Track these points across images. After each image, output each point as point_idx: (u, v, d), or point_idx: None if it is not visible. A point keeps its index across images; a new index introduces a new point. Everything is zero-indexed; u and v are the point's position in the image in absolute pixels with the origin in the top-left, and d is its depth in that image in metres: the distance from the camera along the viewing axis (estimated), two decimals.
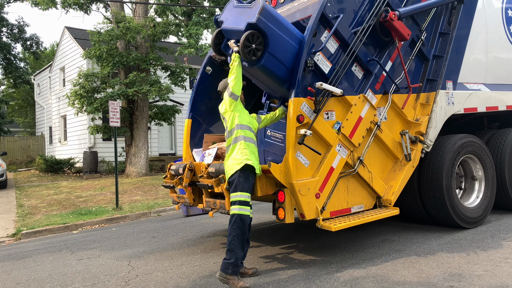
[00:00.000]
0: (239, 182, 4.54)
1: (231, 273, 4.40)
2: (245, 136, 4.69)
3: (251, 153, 4.63)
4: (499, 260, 4.77)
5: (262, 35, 4.77)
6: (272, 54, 4.85)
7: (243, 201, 4.51)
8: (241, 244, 4.50)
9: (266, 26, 4.78)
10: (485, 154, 6.62)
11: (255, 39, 4.73)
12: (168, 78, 18.14)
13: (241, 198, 4.51)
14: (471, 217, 6.24)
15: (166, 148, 23.78)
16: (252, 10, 4.85)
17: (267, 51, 4.82)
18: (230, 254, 4.46)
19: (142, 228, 8.59)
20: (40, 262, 6.35)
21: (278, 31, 4.87)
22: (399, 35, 5.62)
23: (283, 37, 4.91)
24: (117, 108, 11.07)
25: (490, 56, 7.15)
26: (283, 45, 4.92)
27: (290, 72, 5.01)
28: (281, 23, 4.92)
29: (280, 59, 4.92)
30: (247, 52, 4.71)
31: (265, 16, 4.76)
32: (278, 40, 4.88)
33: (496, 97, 7.12)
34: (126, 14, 17.96)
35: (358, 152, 5.45)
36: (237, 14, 5.06)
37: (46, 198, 13.42)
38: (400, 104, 5.94)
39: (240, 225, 4.48)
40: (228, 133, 4.79)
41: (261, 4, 4.77)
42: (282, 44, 4.92)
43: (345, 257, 5.25)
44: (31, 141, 27.88)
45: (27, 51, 30.92)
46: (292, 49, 4.99)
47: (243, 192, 4.52)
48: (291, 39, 4.98)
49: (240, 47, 4.69)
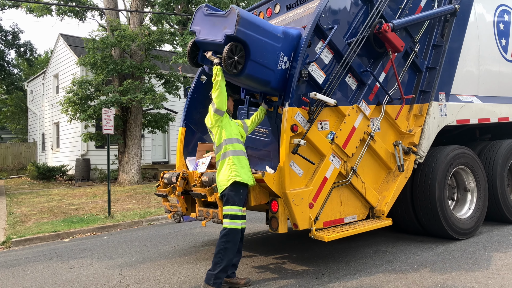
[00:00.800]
0: (230, 196, 4.56)
1: (212, 284, 4.41)
2: (234, 150, 4.64)
3: (240, 168, 4.59)
4: (491, 272, 4.78)
5: (242, 45, 4.68)
6: (255, 61, 4.77)
7: (234, 215, 4.52)
8: (228, 258, 4.48)
9: (246, 35, 4.63)
10: (477, 166, 6.66)
11: (237, 51, 4.64)
12: (162, 86, 18.14)
13: (231, 212, 4.53)
14: (463, 228, 6.26)
15: (159, 157, 23.69)
16: (228, 20, 4.65)
17: (250, 59, 4.73)
18: (215, 267, 4.47)
19: (134, 237, 8.52)
20: (29, 270, 6.27)
21: (258, 36, 4.74)
22: (393, 46, 5.67)
23: (263, 40, 4.79)
24: (110, 115, 11.03)
25: (482, 69, 7.23)
26: (264, 49, 4.82)
27: (274, 72, 4.96)
28: (259, 26, 4.78)
29: (263, 63, 4.85)
30: (230, 65, 4.61)
31: (244, 25, 4.60)
32: (259, 45, 4.77)
33: (488, 109, 7.19)
34: (121, 22, 17.99)
35: (351, 162, 5.47)
36: (211, 24, 4.84)
37: (37, 205, 13.29)
38: (394, 115, 5.98)
39: (230, 238, 4.49)
40: (217, 148, 4.76)
41: (237, 13, 4.58)
42: (264, 47, 4.81)
43: (338, 268, 5.24)
44: (23, 148, 27.68)
45: (20, 57, 30.80)
46: (273, 49, 4.89)
47: (234, 206, 4.53)
48: (271, 40, 4.85)
49: (223, 61, 4.59)
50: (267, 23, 5.03)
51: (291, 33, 5.09)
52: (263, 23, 4.92)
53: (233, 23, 4.54)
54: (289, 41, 5.03)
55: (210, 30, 4.81)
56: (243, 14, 4.64)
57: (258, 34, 4.74)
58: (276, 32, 4.93)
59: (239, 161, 4.61)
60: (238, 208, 4.53)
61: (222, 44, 4.64)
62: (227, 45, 4.59)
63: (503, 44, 7.56)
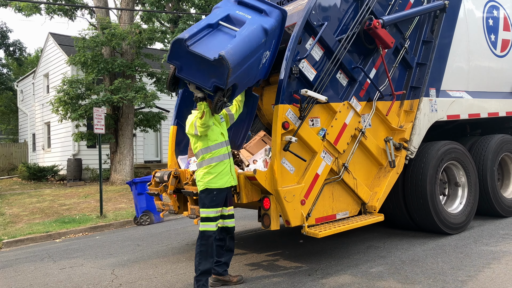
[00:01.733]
0: (201, 198, 4.61)
1: (196, 287, 4.43)
2: (211, 157, 4.54)
3: (214, 176, 4.51)
4: (481, 265, 4.82)
5: (232, 86, 4.36)
6: (241, 83, 4.55)
7: (205, 217, 4.54)
8: (206, 260, 4.46)
9: (236, 79, 4.27)
10: (468, 161, 6.71)
11: (226, 93, 4.32)
12: (153, 85, 18.05)
13: (203, 214, 4.56)
14: (454, 223, 6.30)
15: (152, 156, 23.59)
16: (217, 69, 4.08)
17: (237, 88, 4.49)
18: (196, 270, 4.49)
19: (127, 236, 8.48)
20: (21, 271, 6.22)
21: (245, 66, 4.35)
22: (383, 43, 5.68)
23: (249, 65, 4.42)
24: (101, 115, 10.96)
25: (472, 64, 7.28)
26: (250, 69, 4.50)
27: (257, 72, 4.83)
28: (246, 56, 4.31)
29: (249, 79, 4.66)
30: (220, 107, 4.34)
31: (234, 72, 4.12)
32: (246, 72, 4.44)
33: (478, 105, 7.24)
34: (111, 21, 17.85)
35: (343, 159, 5.48)
36: (196, 65, 4.21)
37: (29, 206, 13.18)
38: (384, 111, 6.00)
39: (204, 241, 4.50)
40: (195, 154, 4.71)
41: (228, 66, 4.00)
42: (250, 69, 4.49)
43: (330, 264, 5.25)
44: (13, 148, 27.39)
45: (10, 57, 30.47)
46: (258, 60, 4.60)
47: (205, 209, 4.54)
48: (256, 56, 4.51)
49: (213, 106, 4.30)
50: (250, 33, 4.45)
51: (272, 25, 4.71)
52: (249, 46, 4.36)
53: (223, 76, 4.07)
54: (272, 36, 4.79)
55: (195, 73, 4.27)
56: (232, 60, 4.05)
57: (245, 64, 4.33)
58: (259, 40, 4.50)
59: (214, 169, 4.52)
60: (209, 210, 4.52)
61: (210, 90, 4.25)
62: (217, 95, 4.25)
63: (492, 40, 7.61)
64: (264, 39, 4.58)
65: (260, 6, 4.84)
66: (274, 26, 4.76)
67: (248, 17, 4.64)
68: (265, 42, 4.64)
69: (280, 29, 4.96)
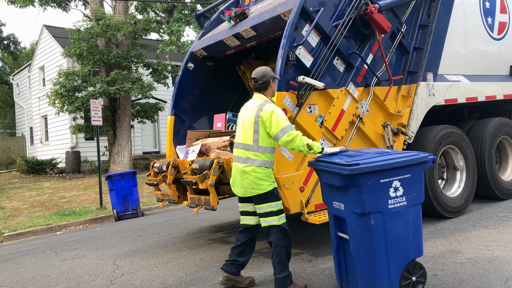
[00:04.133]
0: (268, 196, 4.13)
1: (289, 284, 4.00)
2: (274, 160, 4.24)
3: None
4: (480, 248, 4.86)
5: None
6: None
7: (281, 210, 4.17)
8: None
9: None
10: (466, 144, 6.72)
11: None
12: (150, 76, 17.97)
13: (278, 207, 4.14)
14: (453, 207, 6.33)
15: (150, 147, 23.59)
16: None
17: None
18: (286, 268, 4.03)
19: (127, 227, 8.51)
20: (22, 264, 6.25)
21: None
22: (380, 28, 5.66)
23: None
24: (98, 106, 10.94)
25: (469, 48, 7.26)
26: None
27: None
28: None
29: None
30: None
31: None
32: None
33: (475, 88, 7.23)
34: (106, 12, 17.69)
35: (341, 145, 5.47)
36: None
37: (29, 199, 13.20)
38: (382, 96, 5.99)
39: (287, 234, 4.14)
40: (257, 148, 4.12)
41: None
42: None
43: (330, 250, 5.28)
44: (11, 142, 27.32)
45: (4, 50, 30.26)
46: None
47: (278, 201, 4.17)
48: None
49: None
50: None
51: None
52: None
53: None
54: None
55: None
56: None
57: None
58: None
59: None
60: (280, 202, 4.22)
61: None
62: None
63: (489, 23, 7.57)
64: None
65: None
66: None
67: None
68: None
69: None
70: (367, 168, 3.42)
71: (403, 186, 3.54)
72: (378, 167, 3.44)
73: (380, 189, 3.49)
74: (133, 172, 9.84)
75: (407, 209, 3.57)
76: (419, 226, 3.66)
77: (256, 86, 4.22)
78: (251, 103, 4.24)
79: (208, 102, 7.10)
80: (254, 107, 4.13)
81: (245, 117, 4.20)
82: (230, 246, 5.95)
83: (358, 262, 3.59)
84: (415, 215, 3.64)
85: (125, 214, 9.81)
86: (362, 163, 3.44)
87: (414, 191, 3.61)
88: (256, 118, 4.05)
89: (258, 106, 4.09)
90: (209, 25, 7.27)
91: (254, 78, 4.22)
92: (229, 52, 6.78)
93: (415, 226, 3.62)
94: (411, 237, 3.59)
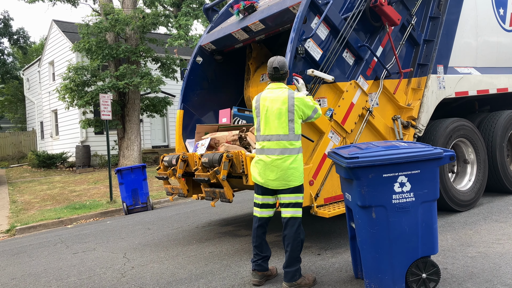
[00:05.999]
0: (299, 187, 4.19)
1: (298, 277, 4.00)
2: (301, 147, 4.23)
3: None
4: (491, 241, 4.82)
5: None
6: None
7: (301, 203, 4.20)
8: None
9: None
10: (476, 138, 6.66)
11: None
12: (159, 70, 18.01)
13: (299, 200, 4.18)
14: (463, 200, 6.29)
15: (159, 141, 23.69)
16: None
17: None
18: (297, 261, 4.03)
19: (137, 221, 8.58)
20: (35, 257, 6.33)
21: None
22: (389, 20, 5.60)
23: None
24: (108, 101, 10.99)
25: (480, 40, 7.16)
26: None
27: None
28: None
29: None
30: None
31: None
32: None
33: (486, 81, 7.15)
34: (114, 6, 17.74)
35: (350, 139, 5.46)
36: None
37: (40, 193, 13.35)
38: (392, 89, 5.94)
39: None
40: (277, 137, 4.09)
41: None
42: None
43: (339, 243, 5.28)
44: (22, 136, 27.63)
45: (14, 45, 30.48)
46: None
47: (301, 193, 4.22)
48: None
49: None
50: None
51: None
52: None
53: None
54: None
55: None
56: None
57: None
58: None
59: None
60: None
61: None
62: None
63: (501, 14, 7.47)
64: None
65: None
66: None
67: None
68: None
69: None
70: (366, 161, 3.40)
71: (411, 182, 3.48)
72: (378, 161, 3.41)
73: (383, 184, 3.45)
74: (142, 166, 9.89)
75: (415, 206, 3.51)
76: (431, 223, 3.57)
77: (277, 75, 4.15)
78: (273, 93, 4.12)
79: (216, 96, 7.10)
80: (281, 97, 4.04)
81: (269, 108, 4.07)
82: (239, 239, 5.99)
83: (362, 252, 3.61)
84: (426, 212, 3.55)
85: (134, 208, 9.87)
86: (362, 157, 3.42)
87: (425, 187, 3.51)
88: (290, 107, 4.00)
89: (287, 95, 4.03)
90: (217, 18, 7.26)
91: (275, 68, 4.11)
92: (238, 46, 6.77)
93: (426, 223, 3.55)
94: (420, 234, 3.54)
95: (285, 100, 4.02)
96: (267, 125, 4.10)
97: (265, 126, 4.11)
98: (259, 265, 4.18)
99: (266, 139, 4.08)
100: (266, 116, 4.10)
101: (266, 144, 4.09)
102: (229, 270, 4.73)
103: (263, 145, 4.11)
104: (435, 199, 3.60)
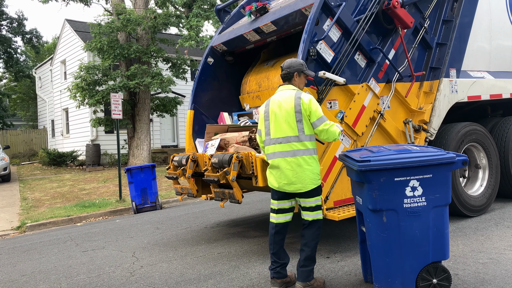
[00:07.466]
0: (316, 190, 4.09)
1: (312, 277, 3.97)
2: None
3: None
4: (503, 248, 4.77)
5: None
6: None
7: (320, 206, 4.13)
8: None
9: None
10: (488, 142, 6.59)
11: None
12: (169, 70, 18.09)
13: (318, 202, 4.09)
14: (475, 206, 6.23)
15: (169, 140, 23.78)
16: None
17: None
18: (312, 261, 4.00)
19: (146, 220, 8.61)
20: (45, 254, 6.38)
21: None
22: (402, 23, 5.57)
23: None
24: (118, 100, 11.05)
25: (494, 44, 7.09)
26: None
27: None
28: None
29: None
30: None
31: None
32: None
33: (500, 85, 7.07)
34: (126, 6, 17.87)
35: (361, 141, 5.43)
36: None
37: (50, 191, 13.46)
38: (404, 92, 5.91)
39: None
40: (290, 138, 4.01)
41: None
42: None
43: (349, 247, 5.26)
44: (33, 134, 27.93)
45: (27, 44, 30.83)
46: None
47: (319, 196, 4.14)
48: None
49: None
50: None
51: None
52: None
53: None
54: None
55: None
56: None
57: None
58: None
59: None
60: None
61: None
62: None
63: None
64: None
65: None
66: None
67: None
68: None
69: None
70: (378, 165, 3.38)
71: (423, 186, 3.45)
72: (390, 165, 3.38)
73: (395, 188, 3.42)
74: (152, 165, 9.94)
75: (427, 210, 3.47)
76: (443, 228, 3.53)
77: (282, 74, 4.17)
78: (281, 94, 4.07)
79: (227, 97, 7.11)
80: (289, 97, 3.98)
81: (277, 111, 4.01)
82: (248, 240, 5.98)
83: (373, 256, 3.58)
84: (438, 217, 3.51)
85: (144, 207, 9.91)
86: (374, 160, 3.40)
87: (437, 192, 3.47)
88: (296, 107, 3.91)
89: (294, 95, 3.98)
90: (229, 19, 7.27)
91: (281, 66, 4.16)
92: (249, 47, 6.77)
93: (437, 228, 3.51)
94: (431, 239, 3.50)
95: (291, 101, 3.96)
96: (276, 128, 4.03)
97: (275, 129, 4.04)
98: (278, 273, 4.06)
99: (277, 142, 4.01)
100: (275, 119, 4.04)
101: (277, 147, 4.01)
102: (238, 271, 4.73)
103: (275, 149, 4.03)
104: (447, 204, 3.56)
